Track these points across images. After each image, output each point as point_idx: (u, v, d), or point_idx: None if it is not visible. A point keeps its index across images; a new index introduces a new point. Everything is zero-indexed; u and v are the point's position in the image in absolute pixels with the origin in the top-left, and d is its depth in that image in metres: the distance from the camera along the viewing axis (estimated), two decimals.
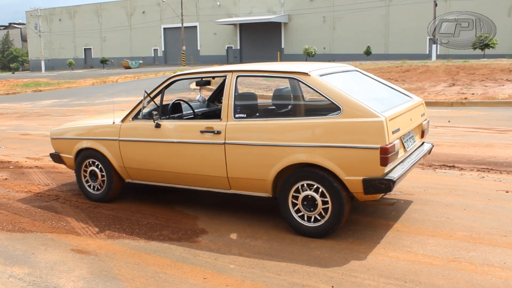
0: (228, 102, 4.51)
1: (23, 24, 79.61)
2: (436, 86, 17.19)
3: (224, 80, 4.70)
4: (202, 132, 4.57)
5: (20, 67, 75.26)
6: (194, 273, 3.67)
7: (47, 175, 6.89)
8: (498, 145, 7.77)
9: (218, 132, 4.47)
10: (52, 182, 6.52)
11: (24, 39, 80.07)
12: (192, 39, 57.54)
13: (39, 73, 57.01)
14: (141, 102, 5.03)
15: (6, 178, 6.80)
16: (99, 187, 5.48)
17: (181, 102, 5.65)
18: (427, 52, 41.08)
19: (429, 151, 5.09)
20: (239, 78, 4.62)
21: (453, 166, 6.47)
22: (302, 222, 4.23)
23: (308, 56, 44.31)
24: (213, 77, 5.31)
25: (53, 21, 69.22)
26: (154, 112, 4.90)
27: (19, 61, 76.55)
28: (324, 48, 48.39)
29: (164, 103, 5.10)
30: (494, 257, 3.72)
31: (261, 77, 4.91)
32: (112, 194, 5.43)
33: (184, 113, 5.57)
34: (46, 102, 20.68)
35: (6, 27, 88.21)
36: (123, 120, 5.18)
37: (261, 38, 53.21)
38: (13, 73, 64.15)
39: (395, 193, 5.28)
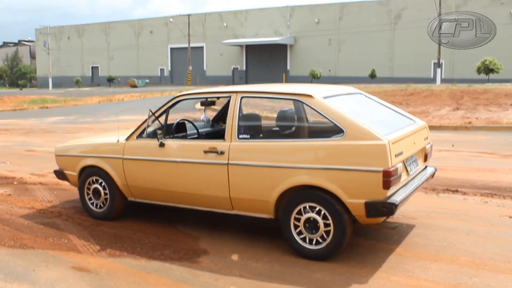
0: (232, 122, 4.53)
1: (32, 41, 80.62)
2: (440, 110, 17.21)
3: (229, 101, 4.74)
4: (205, 152, 4.59)
5: (28, 84, 75.93)
6: None
7: (50, 192, 6.91)
8: (501, 170, 7.75)
9: (222, 153, 4.49)
10: (56, 199, 6.53)
11: (32, 56, 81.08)
12: (199, 60, 58.06)
13: (47, 90, 57.51)
14: (145, 121, 5.07)
15: (9, 194, 6.82)
16: (102, 205, 5.48)
17: (186, 122, 5.69)
18: (432, 76, 41.23)
19: (432, 175, 5.09)
20: (243, 99, 4.66)
21: (456, 191, 6.45)
22: (304, 244, 4.21)
23: (314, 78, 44.56)
24: (218, 98, 5.35)
25: (61, 39, 70.09)
26: (159, 131, 4.92)
27: (27, 77, 77.31)
28: (329, 70, 48.66)
29: (168, 122, 5.14)
30: (496, 283, 3.69)
31: (265, 98, 4.94)
32: (114, 212, 5.43)
33: (188, 132, 5.60)
34: (52, 119, 20.81)
35: (15, 44, 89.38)
36: (127, 139, 5.21)
37: (267, 60, 53.61)
38: (20, 89, 64.69)
39: (398, 216, 5.26)
